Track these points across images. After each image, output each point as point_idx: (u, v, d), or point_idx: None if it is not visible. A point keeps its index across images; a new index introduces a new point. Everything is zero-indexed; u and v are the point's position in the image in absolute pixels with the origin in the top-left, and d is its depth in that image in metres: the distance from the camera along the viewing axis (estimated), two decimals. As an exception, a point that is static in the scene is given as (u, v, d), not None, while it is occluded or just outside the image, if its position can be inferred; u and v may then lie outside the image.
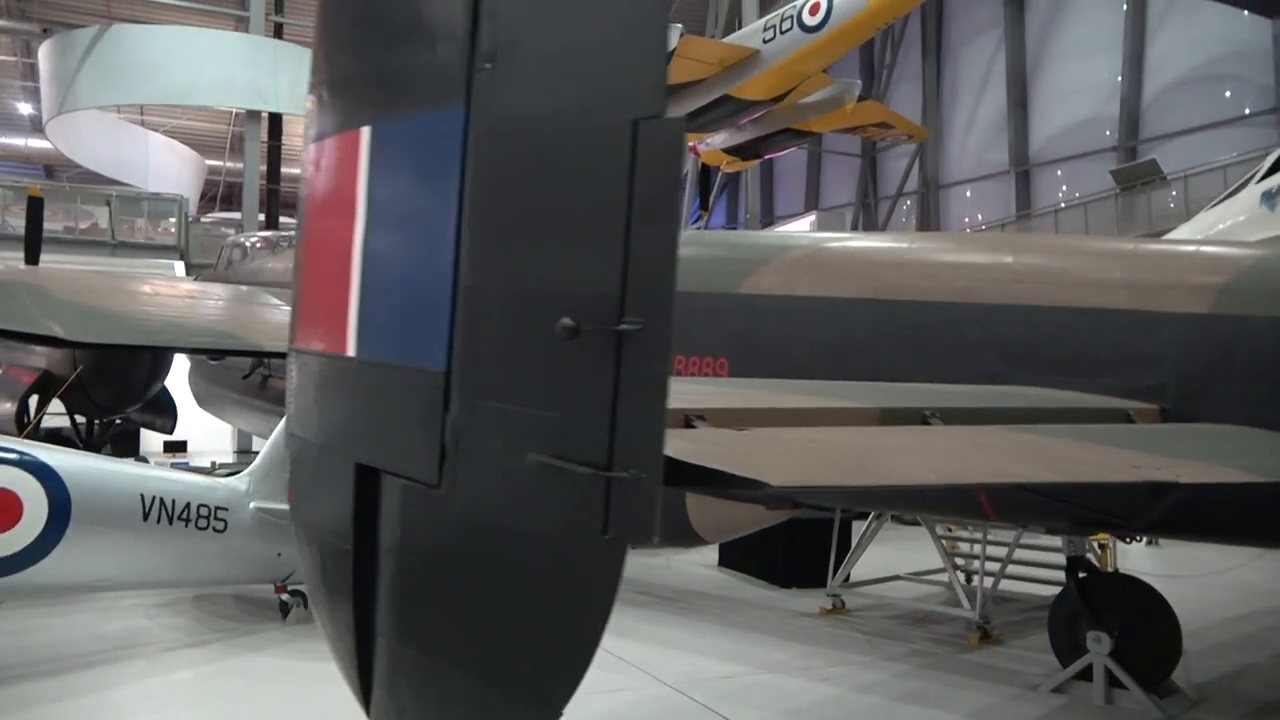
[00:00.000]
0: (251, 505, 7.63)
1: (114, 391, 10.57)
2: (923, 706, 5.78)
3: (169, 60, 20.73)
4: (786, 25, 19.63)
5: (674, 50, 19.15)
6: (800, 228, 34.62)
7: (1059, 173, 27.83)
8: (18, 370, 12.51)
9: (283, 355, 10.25)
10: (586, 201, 1.92)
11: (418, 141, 2.35)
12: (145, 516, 6.93)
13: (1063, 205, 25.70)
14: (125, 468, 7.29)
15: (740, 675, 6.52)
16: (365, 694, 2.57)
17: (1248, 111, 23.15)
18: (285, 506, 7.82)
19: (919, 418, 3.64)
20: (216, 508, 7.41)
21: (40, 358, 11.10)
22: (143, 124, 31.26)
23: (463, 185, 2.19)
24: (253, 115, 21.65)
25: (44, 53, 22.31)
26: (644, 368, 1.82)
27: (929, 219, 32.11)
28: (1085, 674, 6.01)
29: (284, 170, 23.69)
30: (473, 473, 2.14)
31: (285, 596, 8.06)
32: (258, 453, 20.88)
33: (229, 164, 32.41)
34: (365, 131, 2.53)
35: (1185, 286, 5.19)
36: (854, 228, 34.93)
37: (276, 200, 22.49)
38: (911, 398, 4.00)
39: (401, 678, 2.42)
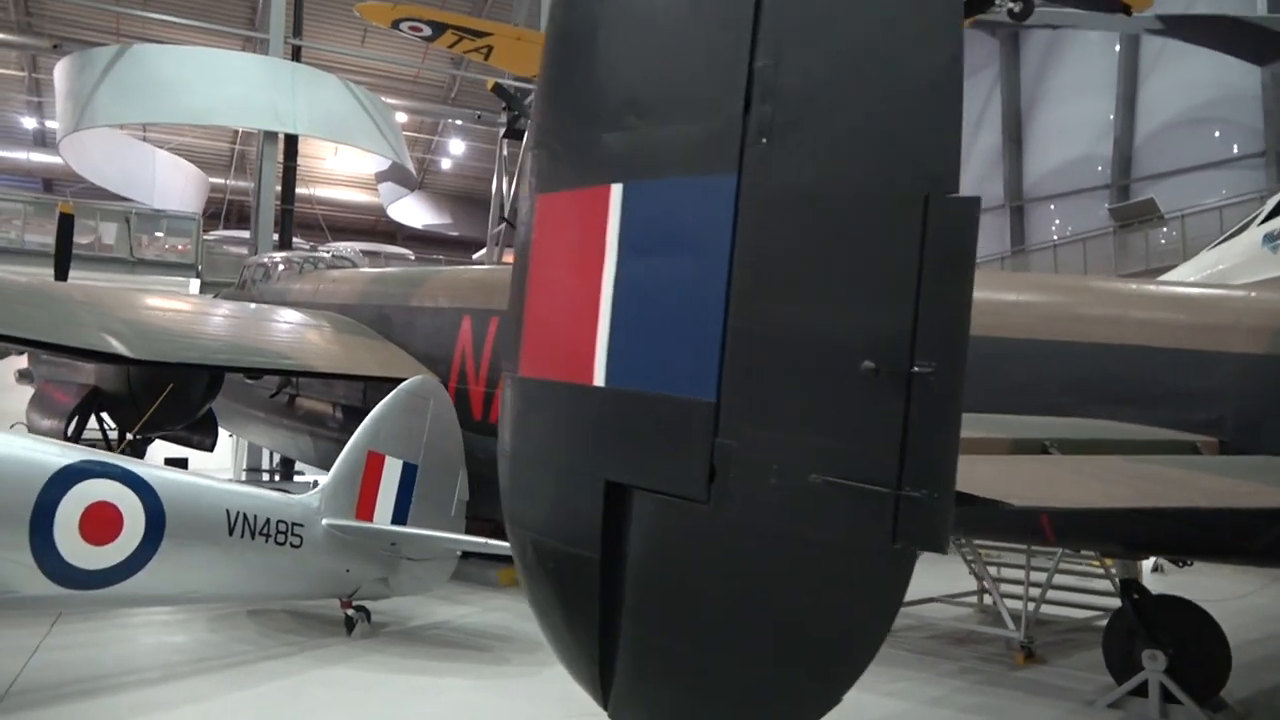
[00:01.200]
0: (324, 522, 7.87)
1: (170, 408, 10.77)
2: (993, 717, 6.12)
3: (189, 80, 20.98)
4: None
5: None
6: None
7: (1052, 208, 28.63)
8: (52, 387, 12.66)
9: (328, 376, 10.49)
10: (874, 261, 2.28)
11: (680, 202, 2.70)
12: (230, 531, 7.16)
13: (1059, 241, 26.41)
14: (211, 483, 7.52)
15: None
16: (604, 686, 2.88)
17: (1236, 153, 24.00)
18: (355, 523, 8.08)
19: (1040, 448, 4.00)
20: (293, 524, 7.64)
21: (89, 374, 11.28)
22: (144, 140, 31.43)
23: (733, 243, 2.54)
24: (270, 136, 21.91)
25: (61, 70, 22.50)
26: (936, 403, 2.17)
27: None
28: (1139, 690, 6.37)
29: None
30: (745, 491, 2.47)
31: (351, 611, 8.28)
32: (266, 471, 21.01)
33: (233, 181, 32.60)
34: (616, 189, 2.87)
35: (1243, 329, 5.62)
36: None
37: (291, 220, 22.71)
38: (1022, 429, 4.37)
39: (658, 670, 2.74)
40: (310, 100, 22.13)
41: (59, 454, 6.45)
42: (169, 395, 10.56)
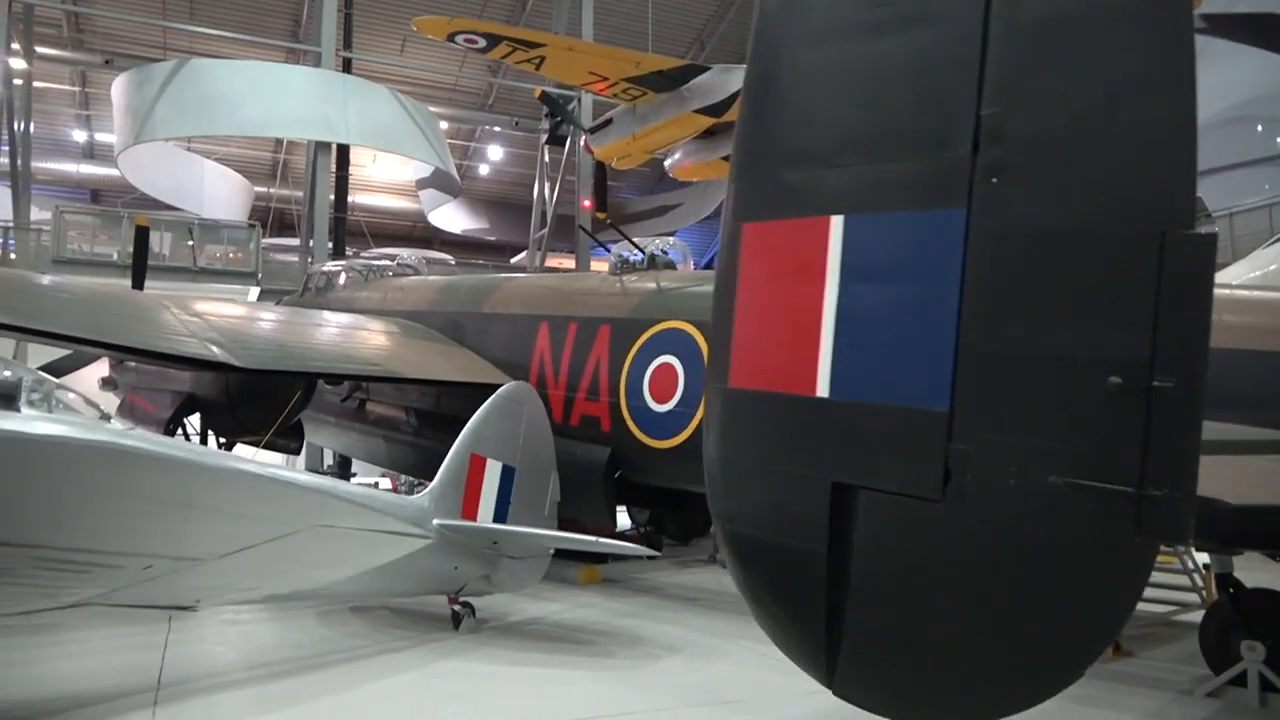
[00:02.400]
0: (435, 522, 8.24)
1: (265, 415, 11.20)
2: (1097, 708, 6.39)
3: (244, 94, 21.51)
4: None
5: (739, 91, 19.74)
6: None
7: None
8: (141, 396, 13.13)
9: (417, 382, 10.88)
10: (1113, 289, 2.59)
11: (905, 233, 3.03)
12: (357, 530, 7.53)
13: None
14: (337, 484, 7.90)
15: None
16: (830, 667, 3.20)
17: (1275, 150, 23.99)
18: (464, 523, 8.44)
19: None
20: (410, 524, 8.02)
21: (184, 382, 11.73)
22: (189, 151, 32.09)
23: (964, 270, 2.86)
24: (323, 147, 22.40)
25: (119, 85, 23.10)
26: (1177, 412, 2.48)
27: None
28: (1237, 680, 6.63)
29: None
30: (982, 491, 2.80)
31: (458, 607, 8.65)
32: (325, 471, 21.32)
33: (275, 190, 33.20)
34: (837, 220, 3.20)
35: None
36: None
37: (343, 228, 23.19)
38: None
39: (887, 651, 3.06)
40: (361, 111, 22.61)
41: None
42: (267, 402, 10.98)
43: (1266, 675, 6.47)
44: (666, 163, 24.50)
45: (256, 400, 11.11)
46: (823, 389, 3.19)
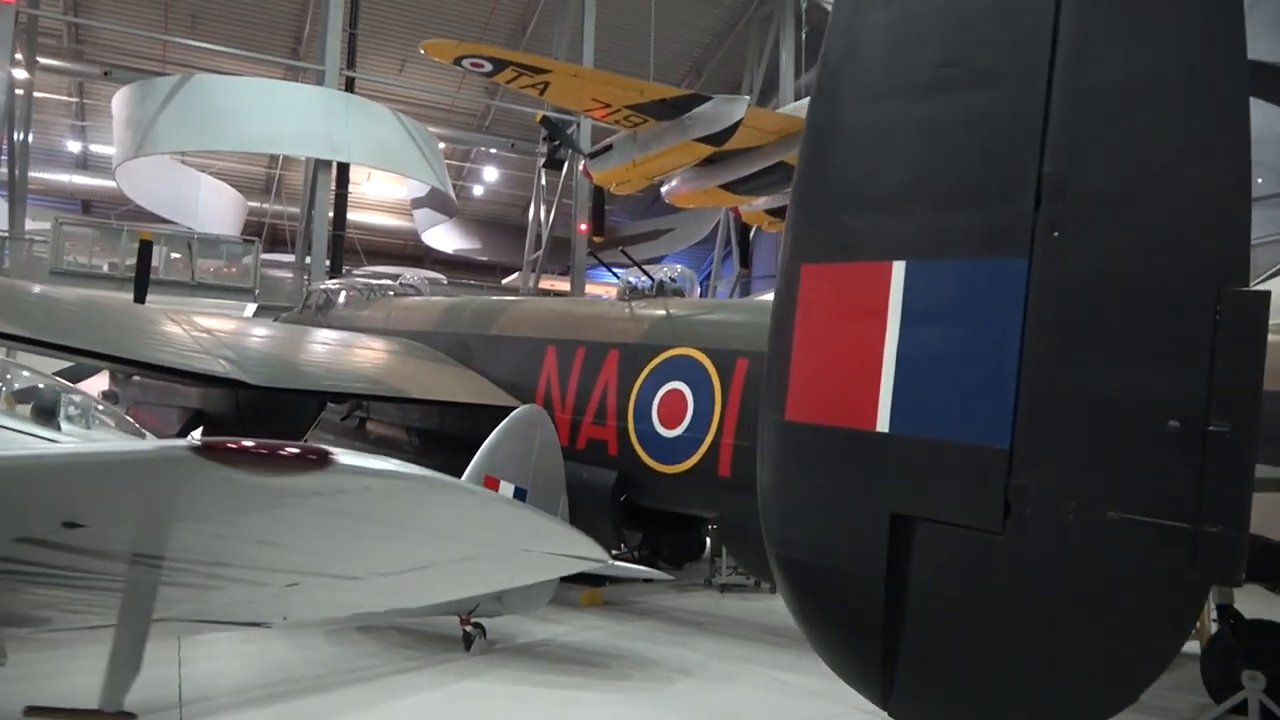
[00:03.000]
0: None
1: (275, 432, 11.25)
2: None
3: (248, 110, 21.64)
4: (845, 101, 20.62)
5: (740, 121, 20.10)
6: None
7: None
8: (145, 411, 13.14)
9: (426, 403, 10.89)
10: (1170, 339, 2.79)
11: (967, 280, 3.22)
12: (375, 550, 7.62)
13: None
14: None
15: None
16: (885, 688, 3.36)
17: (1262, 192, 24.57)
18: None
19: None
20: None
21: (192, 398, 11.78)
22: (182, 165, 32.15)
23: (1025, 317, 3.06)
24: (323, 165, 22.53)
25: (121, 98, 23.18)
26: (1232, 455, 2.67)
27: (949, 281, 33.46)
28: (1238, 709, 6.83)
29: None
30: (1041, 524, 2.98)
31: (469, 628, 8.72)
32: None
33: (271, 206, 33.25)
34: (898, 265, 3.40)
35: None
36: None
37: (341, 245, 23.29)
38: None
39: (943, 673, 3.22)
40: (363, 130, 22.79)
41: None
42: (278, 419, 11.06)
43: (1267, 704, 6.67)
44: (663, 189, 24.74)
45: (268, 417, 11.18)
46: (883, 424, 3.37)
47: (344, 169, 23.46)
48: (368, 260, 31.33)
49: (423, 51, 19.00)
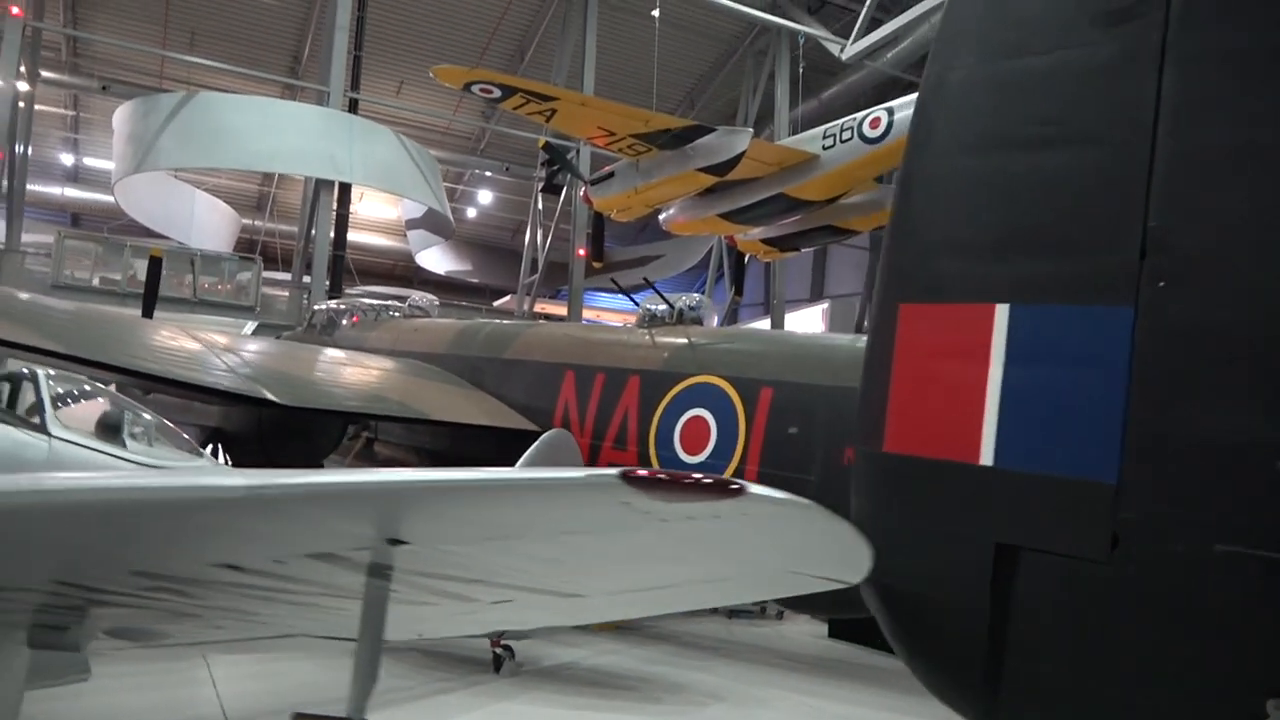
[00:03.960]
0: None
1: (296, 452, 11.30)
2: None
3: (253, 129, 21.73)
4: (847, 135, 21.12)
5: (743, 153, 20.46)
6: (812, 315, 36.31)
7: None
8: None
9: (443, 424, 10.98)
10: (1270, 384, 3.01)
11: (1074, 325, 3.42)
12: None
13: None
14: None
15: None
16: (989, 713, 3.53)
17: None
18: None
19: None
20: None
21: (212, 416, 11.80)
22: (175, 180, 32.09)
23: (1132, 361, 3.27)
24: (325, 184, 22.64)
25: (123, 113, 23.18)
26: (1338, 494, 2.89)
27: (936, 313, 33.97)
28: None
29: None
30: (1148, 555, 3.17)
31: (499, 650, 8.81)
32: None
33: (262, 223, 33.25)
34: (1002, 308, 3.60)
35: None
36: (861, 318, 36.68)
37: (342, 265, 23.33)
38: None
39: (1048, 698, 3.40)
40: (366, 152, 22.93)
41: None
42: (300, 440, 11.11)
43: (1290, 735, 6.90)
44: (662, 216, 25.04)
45: (290, 437, 11.23)
46: (987, 458, 3.56)
47: (345, 189, 23.57)
48: (360, 280, 31.31)
49: (432, 76, 19.24)
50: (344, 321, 17.36)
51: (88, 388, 6.33)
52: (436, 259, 38.98)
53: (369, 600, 2.00)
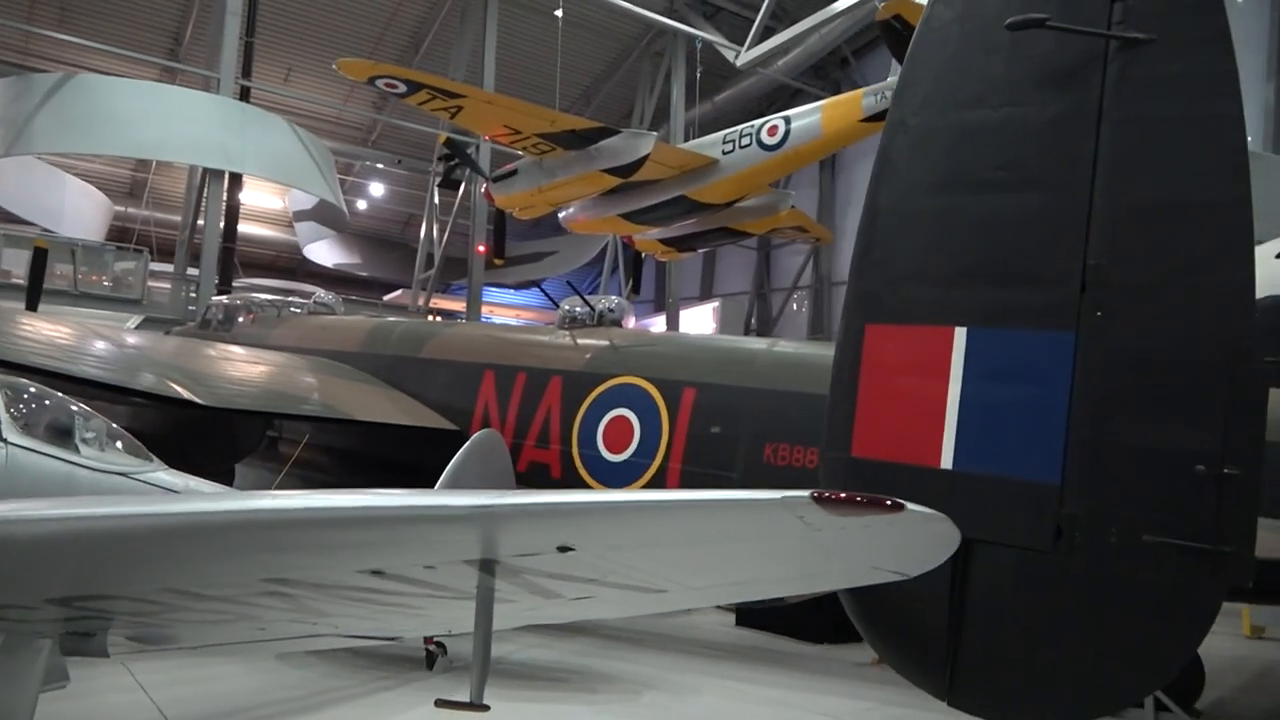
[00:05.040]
0: (422, 564, 8.57)
1: (218, 453, 11.05)
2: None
3: (139, 114, 20.75)
4: (745, 141, 21.85)
5: (647, 156, 20.95)
6: (703, 313, 37.19)
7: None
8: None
9: (377, 425, 11.08)
10: (1194, 403, 3.60)
11: (1024, 347, 3.97)
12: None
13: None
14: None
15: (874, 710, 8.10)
16: (948, 684, 4.04)
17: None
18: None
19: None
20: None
21: (121, 416, 11.39)
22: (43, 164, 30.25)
23: (1073, 378, 3.82)
24: (215, 175, 21.87)
25: (-9, 93, 21.73)
26: (1243, 492, 3.49)
27: (822, 312, 35.35)
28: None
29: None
30: (1087, 545, 3.73)
31: (433, 647, 8.93)
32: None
33: (138, 211, 31.69)
34: (961, 331, 4.12)
35: None
36: (749, 317, 37.88)
37: (232, 258, 22.58)
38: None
39: (999, 667, 3.92)
40: (259, 141, 22.25)
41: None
42: (218, 442, 10.89)
43: (1160, 697, 7.79)
44: (562, 215, 25.26)
45: (211, 440, 10.98)
46: (947, 462, 4.06)
47: (236, 180, 22.80)
48: (242, 272, 30.24)
49: (334, 68, 18.91)
50: (242, 318, 16.88)
51: (33, 390, 6.20)
52: (325, 252, 37.98)
53: (482, 598, 2.24)
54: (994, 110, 4.16)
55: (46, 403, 6.09)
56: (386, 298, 36.12)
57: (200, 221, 22.73)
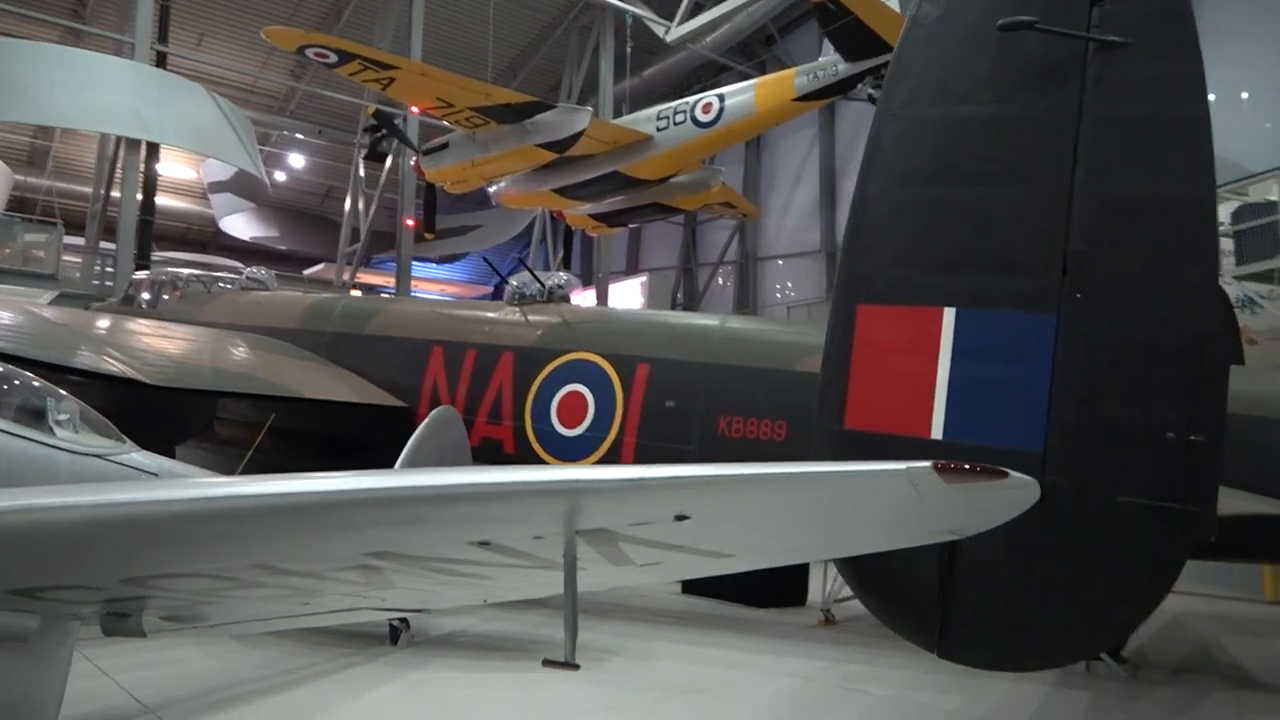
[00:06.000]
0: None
1: (164, 435, 10.76)
2: (983, 676, 8.04)
3: (49, 79, 19.69)
4: (680, 118, 22.04)
5: (583, 131, 20.97)
6: (631, 288, 37.37)
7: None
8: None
9: (325, 404, 11.07)
10: (1166, 379, 3.97)
11: (1009, 327, 4.29)
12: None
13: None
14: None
15: (832, 668, 8.53)
16: (937, 636, 4.37)
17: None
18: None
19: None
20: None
21: (55, 396, 11.02)
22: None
23: (1054, 356, 4.17)
24: (132, 145, 21.00)
25: (-121, 53, 20.34)
26: (1205, 458, 3.89)
27: (747, 288, 35.91)
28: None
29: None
30: (1067, 507, 4.09)
31: (396, 622, 9.01)
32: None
33: (40, 181, 30.17)
34: (949, 311, 4.43)
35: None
36: (675, 292, 38.19)
37: (150, 231, 21.76)
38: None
39: (986, 619, 4.27)
40: (177, 110, 21.44)
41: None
42: (163, 422, 10.63)
43: (1091, 650, 8.42)
44: (492, 189, 25.09)
45: (153, 421, 10.69)
46: (937, 433, 4.38)
47: (153, 150, 21.94)
48: (155, 245, 29.12)
49: (263, 37, 18.35)
50: (168, 294, 16.37)
51: (1, 369, 6.05)
52: (241, 225, 36.79)
53: (569, 566, 2.39)
54: (981, 106, 4.45)
55: (16, 383, 5.95)
56: (307, 272, 35.23)
57: (116, 193, 21.83)
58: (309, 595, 2.98)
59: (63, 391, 6.23)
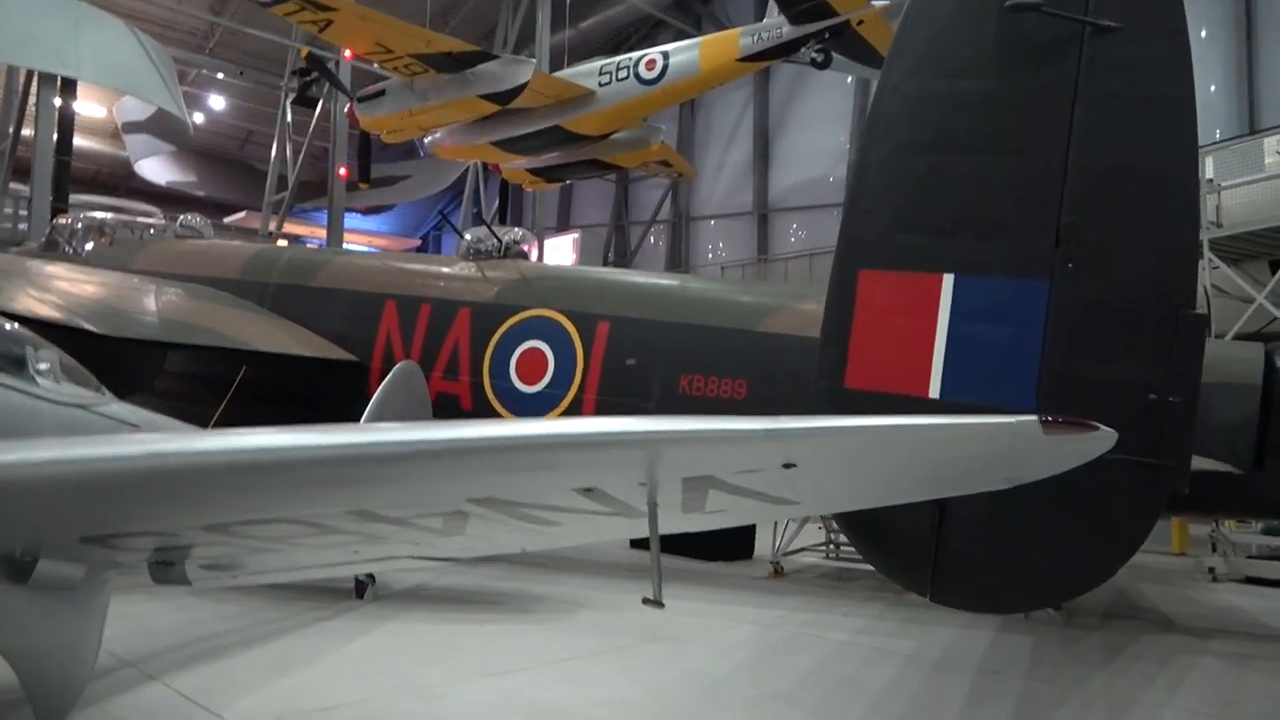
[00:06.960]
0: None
1: (112, 387, 10.43)
2: (929, 622, 8.55)
3: (-50, 7, 18.54)
4: (623, 74, 21.95)
5: (526, 84, 20.72)
6: (563, 244, 37.21)
7: (794, 223, 33.05)
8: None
9: (277, 356, 10.95)
10: (1148, 342, 4.31)
11: (1005, 292, 4.58)
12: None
13: (795, 254, 30.66)
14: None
15: (789, 616, 8.92)
16: (931, 582, 4.69)
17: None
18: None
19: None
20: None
21: None
22: None
23: (1046, 321, 4.47)
24: (48, 80, 19.93)
25: None
26: (1180, 419, 4.25)
27: (680, 247, 36.16)
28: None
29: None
30: (1055, 461, 4.42)
31: (363, 577, 9.06)
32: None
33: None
34: (948, 278, 4.69)
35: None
36: (607, 249, 38.21)
37: (67, 172, 20.75)
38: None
39: (976, 565, 4.60)
40: (95, 44, 20.34)
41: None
42: (118, 373, 10.32)
43: (1029, 595, 8.99)
44: (427, 140, 24.62)
45: (100, 373, 10.37)
46: (934, 392, 4.66)
47: (69, 86, 20.85)
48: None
49: (195, -28, 17.54)
50: (95, 241, 15.72)
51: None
52: (157, 168, 35.25)
53: (652, 513, 2.54)
54: (981, 81, 4.68)
55: (-7, 331, 5.78)
56: (228, 220, 34.08)
57: (27, 131, 20.72)
58: (374, 543, 3.07)
59: (37, 337, 6.05)
